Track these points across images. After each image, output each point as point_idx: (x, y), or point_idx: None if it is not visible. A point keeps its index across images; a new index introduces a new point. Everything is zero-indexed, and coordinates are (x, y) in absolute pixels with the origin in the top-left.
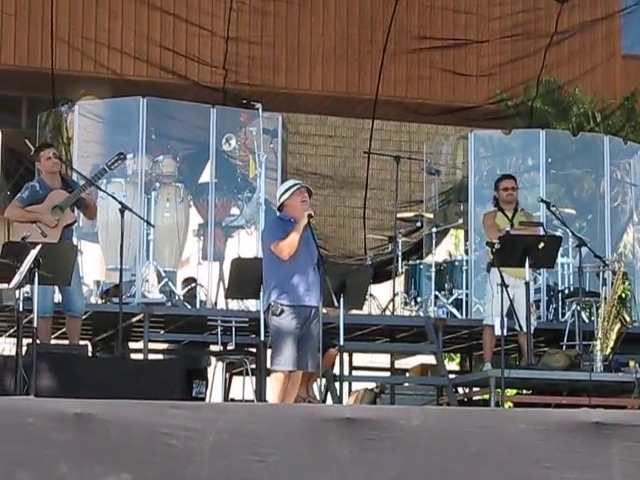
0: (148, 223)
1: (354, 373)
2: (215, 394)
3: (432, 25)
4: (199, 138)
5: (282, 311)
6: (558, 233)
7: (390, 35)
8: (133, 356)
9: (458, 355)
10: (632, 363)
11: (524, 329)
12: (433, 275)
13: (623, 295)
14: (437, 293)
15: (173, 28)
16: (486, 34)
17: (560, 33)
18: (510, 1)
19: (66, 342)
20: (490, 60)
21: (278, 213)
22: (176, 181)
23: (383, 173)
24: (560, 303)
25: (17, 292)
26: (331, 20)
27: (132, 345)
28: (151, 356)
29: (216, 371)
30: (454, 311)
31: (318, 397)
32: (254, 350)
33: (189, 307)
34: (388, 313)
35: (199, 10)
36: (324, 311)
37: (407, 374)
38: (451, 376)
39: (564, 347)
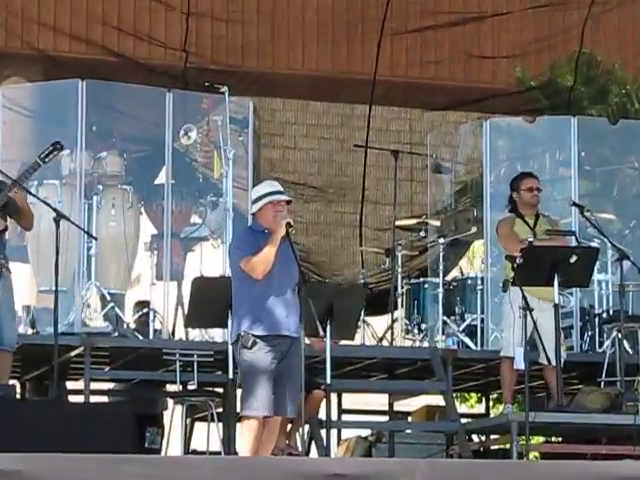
0: (89, 235)
1: (344, 418)
2: (173, 445)
3: None
4: (152, 131)
5: (255, 343)
6: (594, 244)
7: (388, 7)
8: (71, 399)
9: (472, 395)
10: None
11: (552, 362)
12: (441, 296)
13: None
14: (446, 318)
15: (118, 1)
16: (504, 6)
17: (597, 4)
18: None
19: None
20: (511, 38)
21: (250, 221)
22: (123, 183)
23: (378, 170)
24: (597, 330)
25: None
26: None
27: (70, 385)
28: (93, 398)
29: (174, 416)
30: (467, 340)
31: (300, 448)
32: (221, 390)
33: (140, 338)
34: (386, 343)
35: None
36: (307, 342)
37: (409, 418)
38: (463, 420)
39: (602, 384)
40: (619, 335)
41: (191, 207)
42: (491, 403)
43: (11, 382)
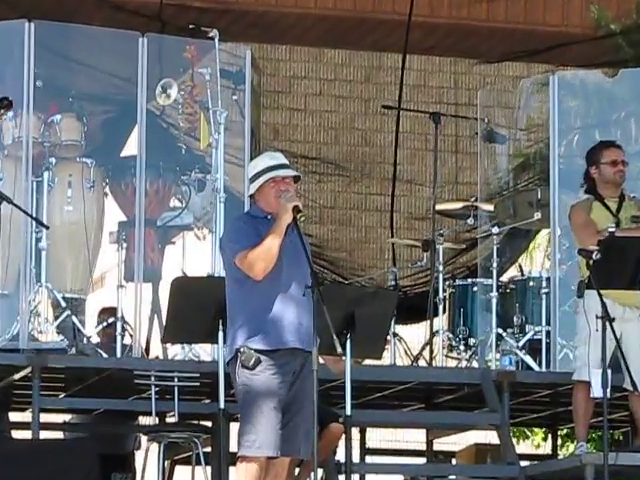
0: (38, 222)
1: (369, 460)
2: None
3: None
4: (121, 87)
5: (258, 361)
6: None
7: None
8: (15, 434)
9: (535, 430)
10: None
11: None
12: (494, 302)
13: None
14: (501, 331)
15: None
16: None
17: None
18: None
19: None
20: None
21: (247, 206)
22: (83, 155)
23: (413, 139)
24: None
25: None
26: None
27: (14, 417)
28: (44, 434)
29: (149, 458)
30: (528, 360)
31: None
32: (209, 424)
33: (105, 356)
34: (423, 364)
35: None
36: (321, 362)
37: (453, 460)
38: (523, 463)
39: None
40: None
41: (170, 186)
42: (559, 441)
43: None
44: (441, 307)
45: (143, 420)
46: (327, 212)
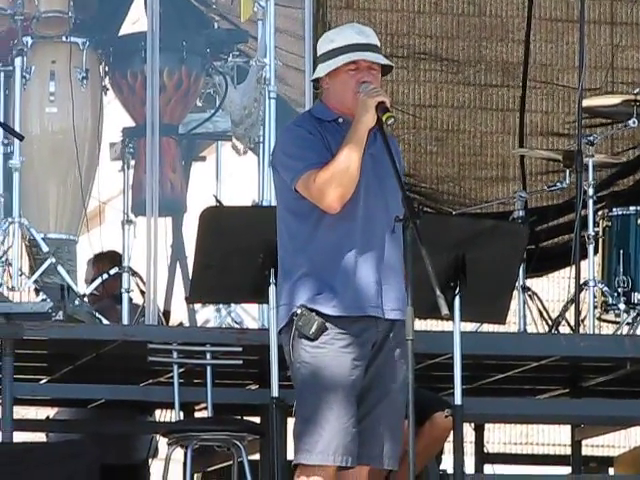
0: (9, 130)
1: (488, 469)
2: None
3: None
4: None
5: (321, 329)
6: None
7: None
8: None
9: None
10: None
11: None
12: None
13: None
14: None
15: None
16: None
17: None
18: None
19: None
20: None
21: (308, 104)
22: (71, 32)
23: (551, 6)
24: None
25: None
26: None
27: None
28: (19, 436)
29: (170, 470)
30: None
31: None
32: (257, 420)
33: (106, 323)
34: (565, 330)
35: None
36: (416, 328)
37: (610, 470)
38: None
39: None
40: None
41: (198, 77)
42: None
43: None
44: (591, 248)
45: (161, 415)
46: (426, 113)
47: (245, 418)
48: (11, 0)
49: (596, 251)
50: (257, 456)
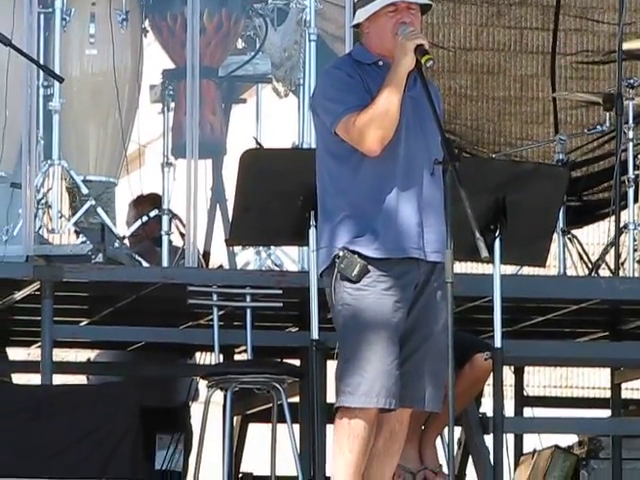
0: (48, 72)
1: (528, 412)
2: (208, 467)
3: None
4: None
5: (363, 271)
6: None
7: None
8: (18, 379)
9: None
10: None
11: None
12: None
13: None
14: None
15: None
16: None
17: None
18: None
19: None
20: None
21: (348, 46)
22: None
23: None
24: None
25: None
26: None
27: (15, 354)
28: (58, 378)
29: (210, 413)
30: None
31: (446, 470)
32: (297, 363)
33: (146, 265)
34: (605, 273)
35: None
36: (456, 271)
37: None
38: None
39: None
40: None
41: (238, 19)
42: None
43: None
44: (631, 191)
45: (201, 358)
46: (465, 56)
47: (285, 361)
48: None
49: (636, 197)
50: (297, 399)
